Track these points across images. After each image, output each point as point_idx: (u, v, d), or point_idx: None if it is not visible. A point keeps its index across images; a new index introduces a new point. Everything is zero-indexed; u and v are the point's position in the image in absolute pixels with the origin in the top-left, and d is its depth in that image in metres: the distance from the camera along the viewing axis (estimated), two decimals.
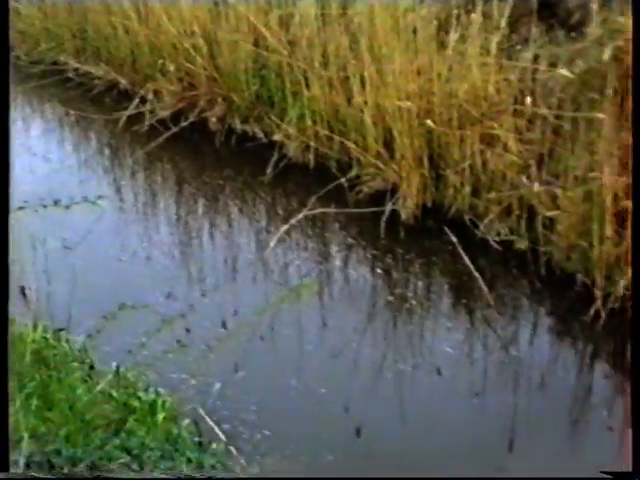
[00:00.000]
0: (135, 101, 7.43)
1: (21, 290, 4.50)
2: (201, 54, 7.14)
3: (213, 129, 7.18)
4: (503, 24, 5.27)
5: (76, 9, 8.82)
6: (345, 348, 4.49)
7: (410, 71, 5.57)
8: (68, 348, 3.84)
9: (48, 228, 4.70)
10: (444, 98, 5.47)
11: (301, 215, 5.68)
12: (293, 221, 5.65)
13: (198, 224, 6.11)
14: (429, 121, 5.46)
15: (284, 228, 5.59)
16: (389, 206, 5.63)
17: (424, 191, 5.67)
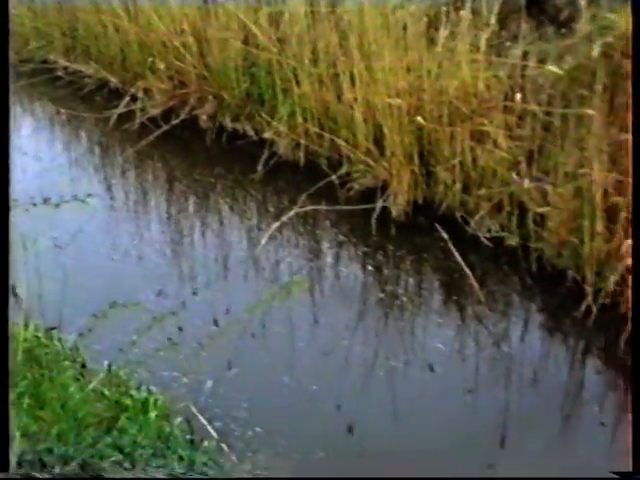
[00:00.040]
0: (125, 99, 7.41)
1: (12, 289, 4.48)
2: (191, 52, 7.13)
3: (204, 127, 7.17)
4: (492, 21, 5.29)
5: (66, 8, 8.81)
6: (337, 345, 4.48)
7: (400, 68, 5.58)
8: (60, 347, 3.85)
9: (39, 227, 4.68)
10: (434, 95, 5.47)
11: (292, 212, 5.68)
12: (284, 218, 5.64)
13: (189, 222, 6.10)
14: (419, 118, 5.46)
15: (275, 226, 5.59)
16: (380, 203, 5.64)
17: (415, 188, 5.67)
